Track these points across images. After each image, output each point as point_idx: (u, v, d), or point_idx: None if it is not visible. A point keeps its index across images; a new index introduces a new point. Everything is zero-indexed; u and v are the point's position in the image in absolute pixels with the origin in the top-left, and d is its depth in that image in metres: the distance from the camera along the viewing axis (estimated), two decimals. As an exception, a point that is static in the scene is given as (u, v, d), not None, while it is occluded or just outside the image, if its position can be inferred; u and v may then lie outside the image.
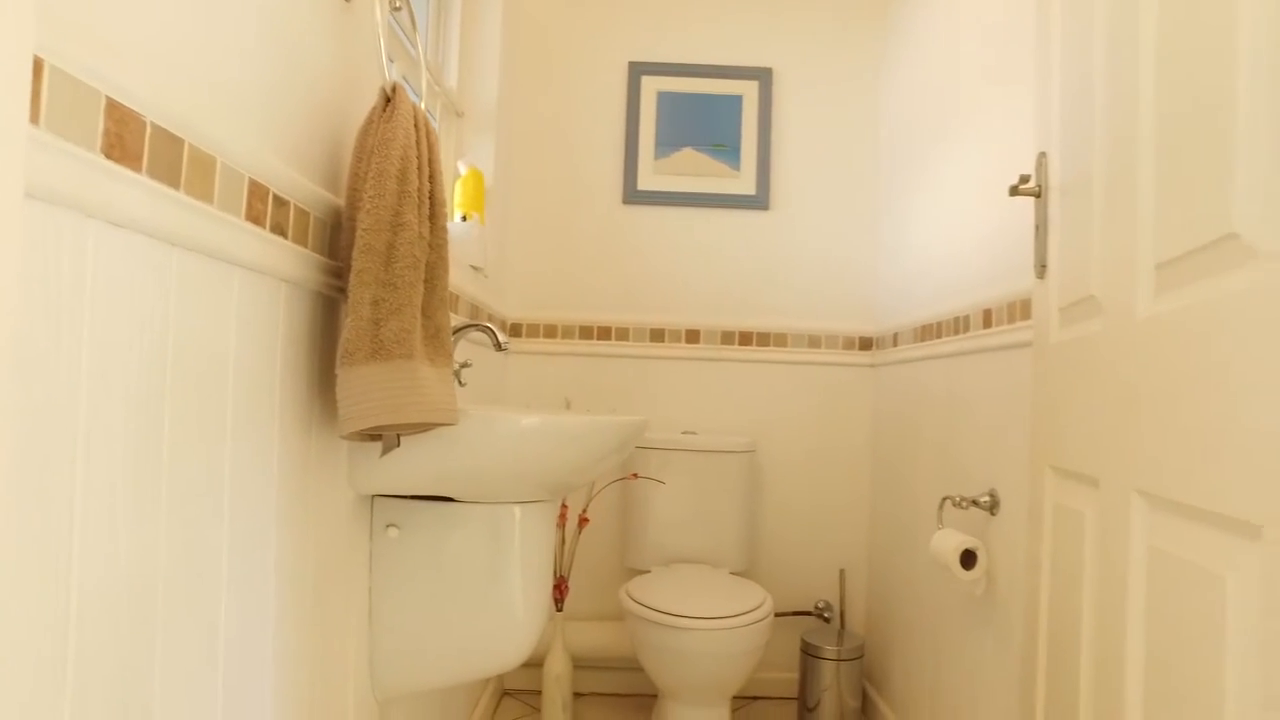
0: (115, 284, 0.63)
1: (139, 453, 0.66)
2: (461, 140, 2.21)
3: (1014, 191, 1.31)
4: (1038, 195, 1.30)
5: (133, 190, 0.63)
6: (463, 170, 2.00)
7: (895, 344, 2.26)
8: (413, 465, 1.11)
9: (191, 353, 0.74)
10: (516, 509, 1.28)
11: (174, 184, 0.69)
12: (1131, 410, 0.89)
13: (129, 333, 0.65)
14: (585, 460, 1.23)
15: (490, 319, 2.07)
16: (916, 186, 2.17)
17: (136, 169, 0.64)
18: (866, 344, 2.49)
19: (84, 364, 0.59)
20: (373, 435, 0.99)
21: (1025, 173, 1.45)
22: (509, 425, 1.15)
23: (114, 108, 0.61)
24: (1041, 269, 1.28)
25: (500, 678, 2.38)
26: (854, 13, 2.54)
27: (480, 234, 1.98)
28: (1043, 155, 1.29)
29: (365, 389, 0.90)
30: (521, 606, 1.28)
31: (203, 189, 0.73)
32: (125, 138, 0.62)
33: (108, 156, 0.60)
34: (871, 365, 2.48)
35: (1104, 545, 0.96)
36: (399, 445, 1.01)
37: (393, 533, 1.23)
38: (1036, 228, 1.30)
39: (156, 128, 0.66)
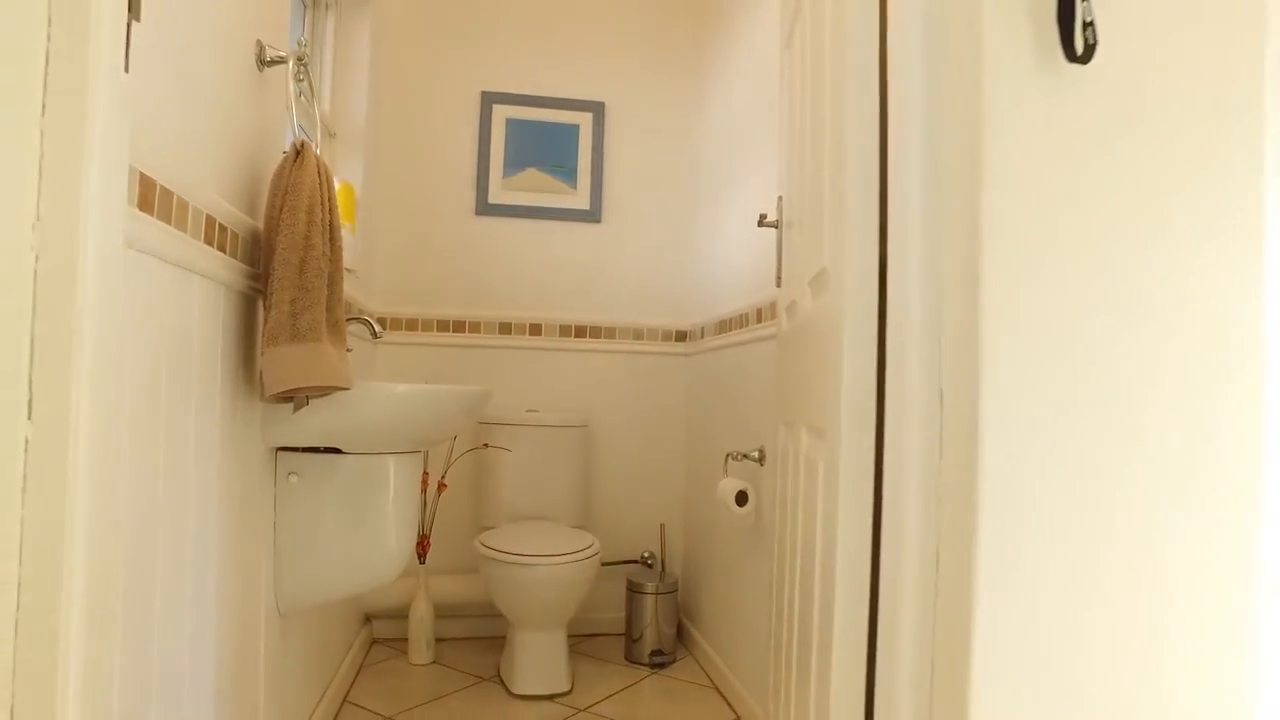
0: (139, 288, 0.99)
1: (149, 401, 1.02)
2: (335, 158, 2.53)
3: (760, 223, 1.82)
4: (775, 227, 1.81)
5: (150, 229, 0.99)
6: (336, 185, 2.34)
7: (702, 336, 2.78)
8: (313, 423, 1.48)
9: (173, 335, 1.09)
10: (390, 459, 1.67)
11: (167, 221, 1.05)
12: (801, 375, 1.40)
13: (143, 319, 1.01)
14: (441, 418, 1.64)
15: (361, 313, 2.42)
16: (717, 208, 2.69)
17: (150, 214, 1.00)
18: (681, 336, 3.00)
19: (125, 339, 0.95)
20: (287, 397, 1.35)
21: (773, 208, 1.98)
22: (386, 391, 1.54)
23: (143, 177, 0.97)
24: (779, 280, 1.80)
25: (370, 628, 2.72)
26: (675, 59, 3.04)
27: (352, 241, 2.32)
28: (780, 198, 1.81)
29: (287, 363, 1.27)
30: (394, 536, 1.68)
31: (181, 223, 1.09)
32: (147, 195, 0.98)
33: (139, 208, 0.96)
34: (685, 354, 2.99)
35: (795, 466, 1.46)
36: (307, 404, 1.38)
37: (293, 479, 1.59)
38: (777, 250, 1.81)
39: (162, 187, 1.02)
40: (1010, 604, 0.83)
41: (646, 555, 2.87)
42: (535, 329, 2.91)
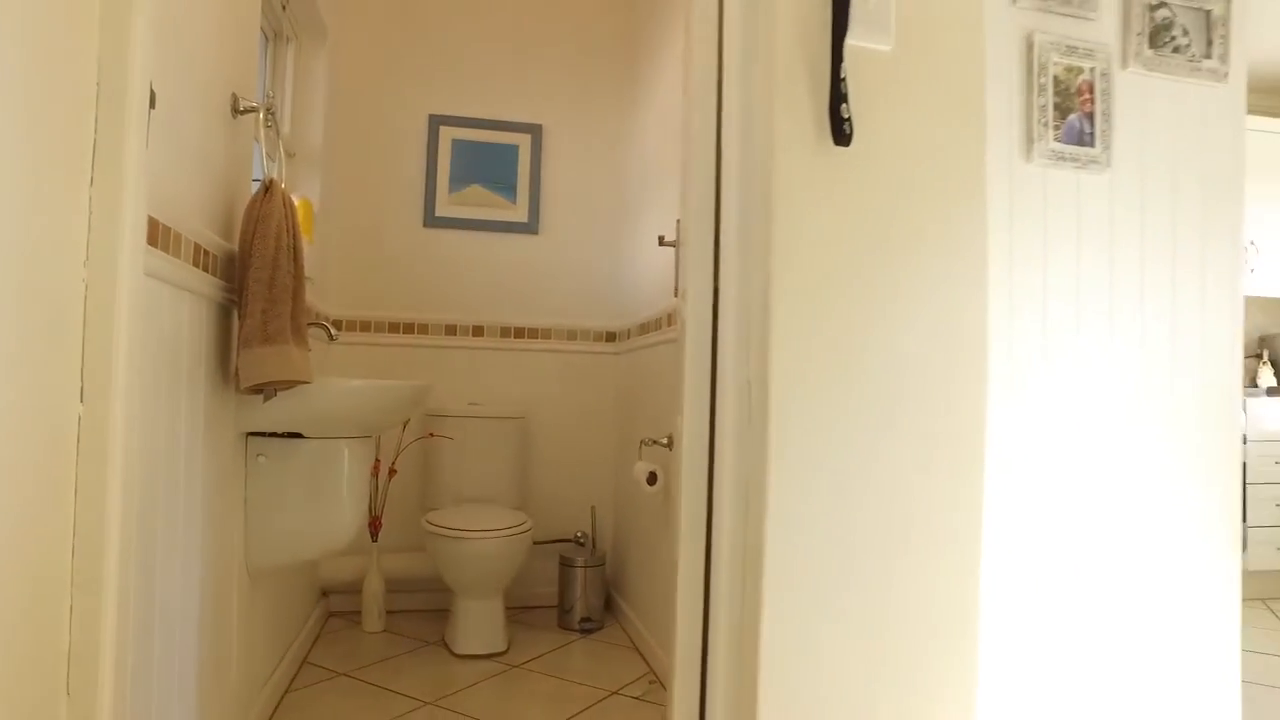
0: (149, 306, 1.28)
1: (153, 393, 1.31)
2: (295, 176, 2.80)
3: (660, 243, 2.15)
4: (674, 246, 2.15)
5: (156, 259, 1.28)
6: (295, 201, 2.61)
7: (629, 337, 3.10)
8: (279, 411, 1.78)
9: (169, 340, 1.38)
10: (344, 443, 1.96)
11: (167, 251, 1.34)
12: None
13: (150, 328, 1.30)
14: (387, 408, 1.95)
15: (319, 317, 2.69)
16: (639, 223, 3.02)
17: (156, 247, 1.29)
18: (611, 336, 3.32)
19: (142, 345, 1.24)
20: (258, 390, 1.64)
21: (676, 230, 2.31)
22: (340, 384, 1.84)
23: (150, 219, 1.26)
24: (676, 291, 2.13)
25: (327, 602, 3.00)
26: (608, 86, 3.36)
27: (310, 251, 2.60)
28: (678, 221, 2.14)
29: (259, 361, 1.56)
30: (348, 507, 1.97)
31: (176, 252, 1.38)
32: (153, 233, 1.27)
33: (150, 244, 1.25)
34: (614, 353, 3.32)
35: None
36: (275, 396, 1.68)
37: (261, 459, 1.88)
38: (676, 266, 2.15)
39: (163, 225, 1.31)
40: (792, 531, 1.17)
41: (579, 534, 3.19)
42: (478, 330, 3.21)
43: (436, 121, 3.20)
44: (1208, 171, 1.52)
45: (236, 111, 1.73)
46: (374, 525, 2.89)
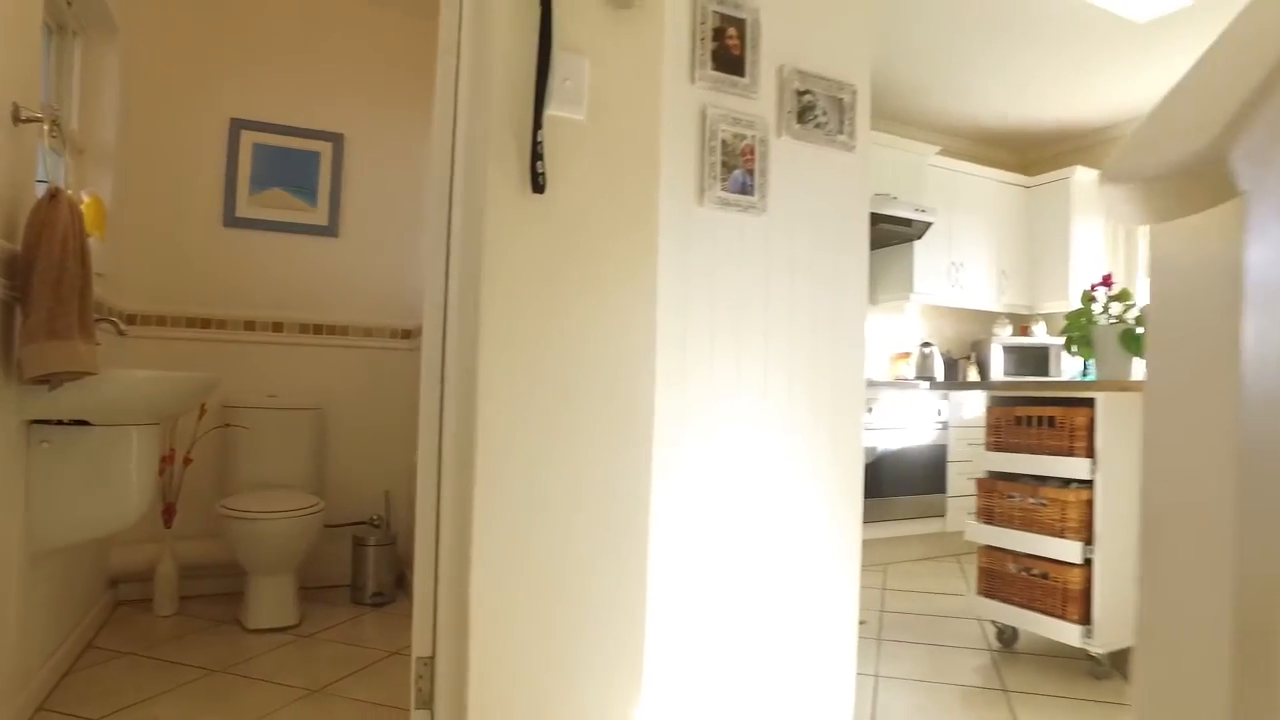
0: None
1: (-60, 378, 1.48)
2: (83, 172, 2.87)
3: (438, 254, 2.45)
4: (449, 257, 2.44)
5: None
6: (85, 198, 2.69)
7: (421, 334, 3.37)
8: (66, 401, 1.93)
9: (-44, 333, 1.54)
10: (133, 429, 2.13)
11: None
12: (443, 365, 2.04)
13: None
14: (173, 397, 2.14)
15: (110, 313, 2.78)
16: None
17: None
18: (407, 334, 3.58)
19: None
20: (44, 380, 1.80)
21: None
22: (125, 375, 2.02)
23: (-64, 228, 1.43)
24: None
25: (116, 591, 3.07)
26: (407, 99, 3.60)
27: (101, 248, 2.69)
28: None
29: (43, 354, 1.73)
30: (135, 488, 2.14)
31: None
32: (-61, 239, 1.44)
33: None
34: (410, 349, 3.58)
35: (442, 428, 2.10)
36: (61, 386, 1.84)
37: (45, 445, 2.02)
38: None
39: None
40: (494, 487, 1.51)
41: (374, 517, 3.42)
42: (278, 326, 3.36)
43: (238, 125, 3.33)
44: (841, 215, 2.01)
45: (18, 120, 1.87)
46: (168, 513, 3.00)
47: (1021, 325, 5.39)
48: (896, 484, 4.20)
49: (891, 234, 4.66)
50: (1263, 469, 0.59)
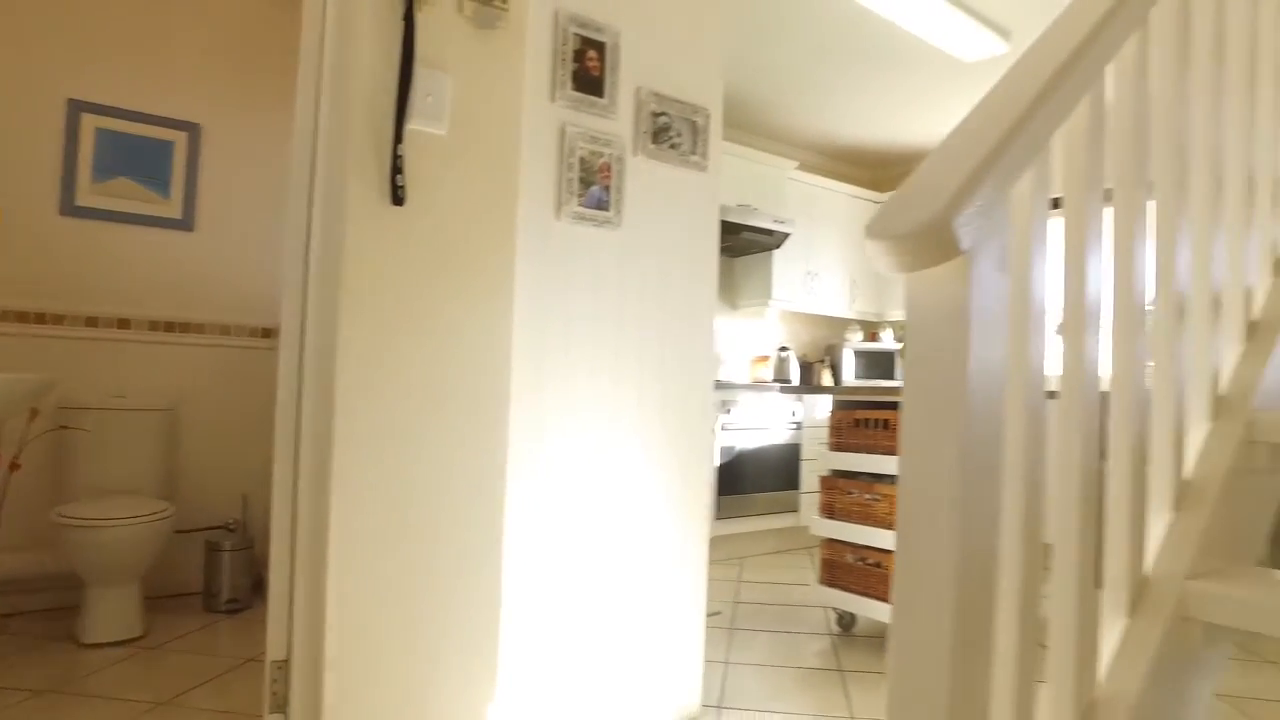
0: None
1: None
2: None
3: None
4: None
5: None
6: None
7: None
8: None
9: None
10: (-44, 434, 2.01)
11: None
12: (302, 368, 2.04)
13: None
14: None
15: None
16: (296, 229, 3.23)
17: None
18: (269, 332, 3.48)
19: None
20: None
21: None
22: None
23: None
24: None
25: (-69, 605, 2.84)
26: (270, 90, 3.50)
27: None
28: (316, 237, 2.42)
29: None
30: (-41, 497, 2.02)
31: None
32: None
33: None
34: (272, 348, 3.48)
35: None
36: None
37: None
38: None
39: None
40: (353, 491, 1.55)
41: (230, 522, 3.31)
42: (124, 323, 3.20)
43: (78, 107, 3.14)
44: (693, 231, 2.15)
45: None
46: (-7, 521, 2.81)
47: (871, 331, 5.78)
48: (754, 481, 4.42)
49: (753, 243, 4.89)
50: (976, 456, 0.73)
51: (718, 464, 4.26)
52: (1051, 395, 0.96)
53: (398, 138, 1.57)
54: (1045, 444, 0.88)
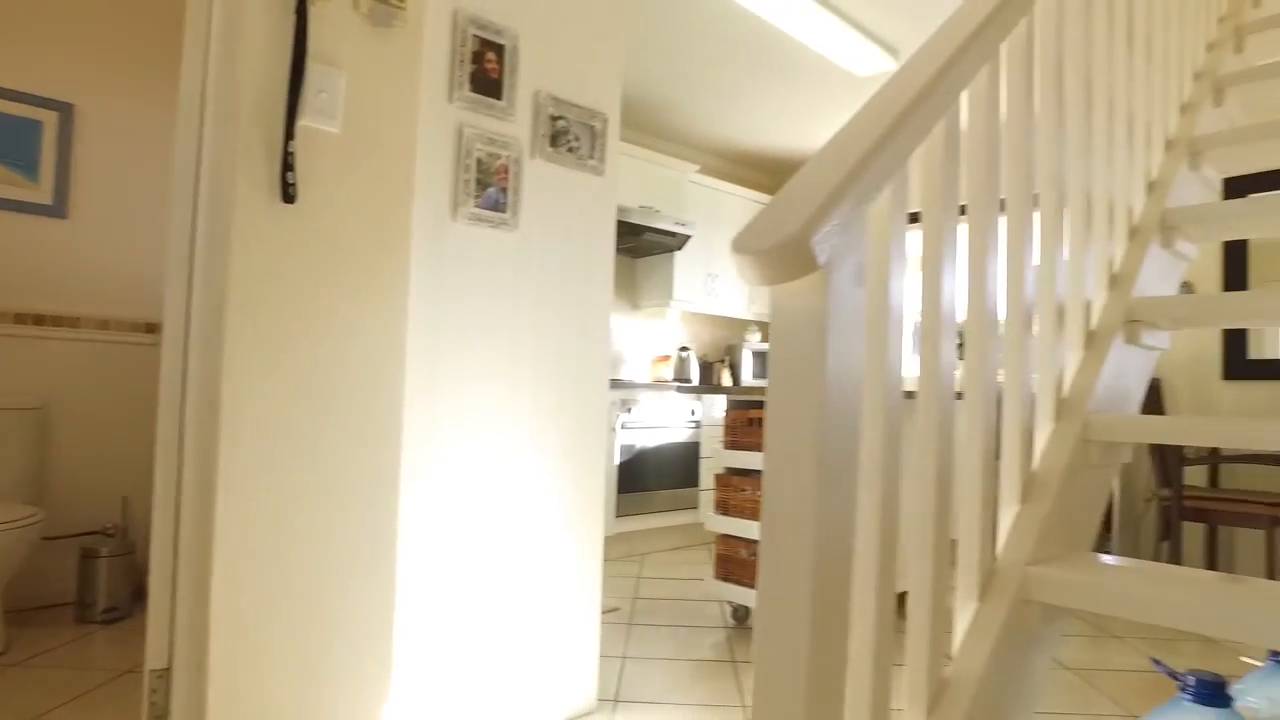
0: None
1: None
2: None
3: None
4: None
5: None
6: None
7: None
8: None
9: None
10: None
11: None
12: (185, 367, 1.97)
13: None
14: None
15: None
16: (181, 220, 3.10)
17: None
18: (153, 327, 3.33)
19: None
20: None
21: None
22: None
23: None
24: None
25: None
26: (155, 70, 3.34)
27: None
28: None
29: None
30: None
31: None
32: None
33: None
34: (155, 344, 3.33)
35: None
36: None
37: None
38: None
39: None
40: (241, 492, 1.52)
41: (109, 526, 3.15)
42: (-14, 316, 3.01)
43: (-65, 86, 2.93)
44: (589, 233, 2.19)
45: None
46: None
47: (768, 332, 5.95)
48: (654, 479, 4.50)
49: (655, 244, 4.97)
50: (833, 454, 0.80)
51: (618, 462, 4.32)
52: (911, 395, 1.03)
53: (289, 134, 1.55)
54: (901, 442, 0.96)
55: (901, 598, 3.38)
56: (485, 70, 1.96)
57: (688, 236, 5.00)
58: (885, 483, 0.93)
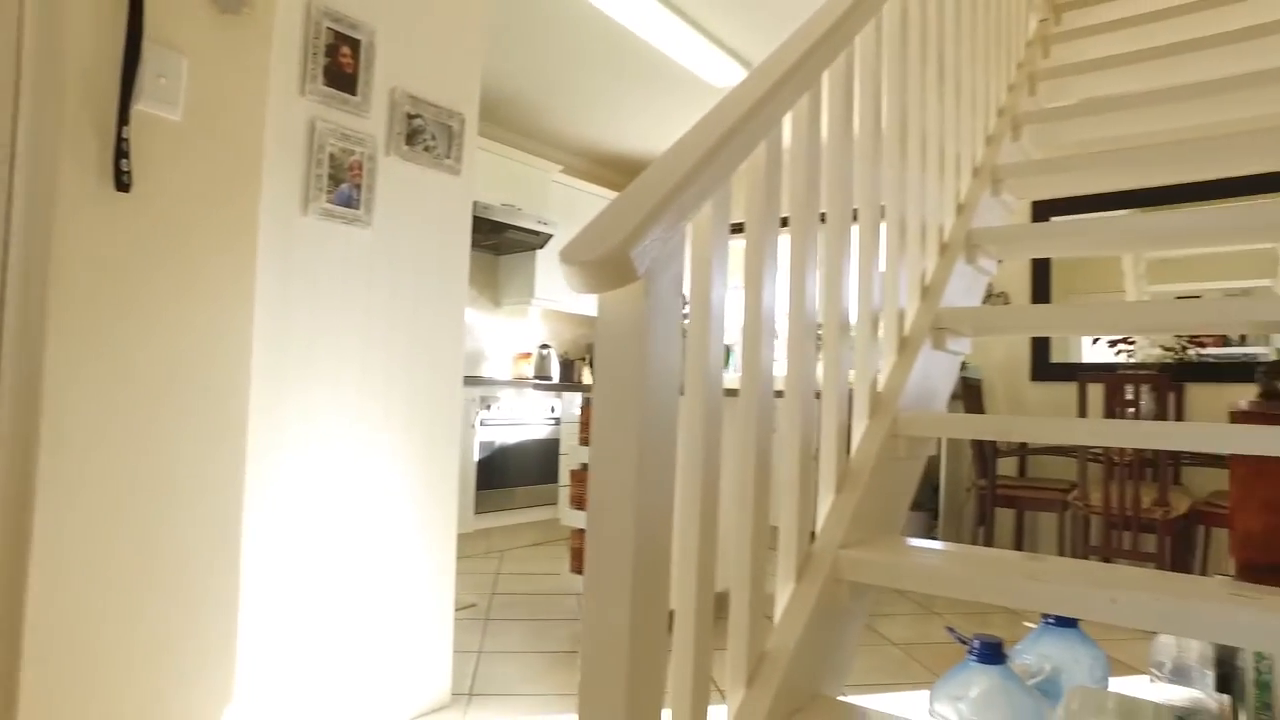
0: None
1: None
2: None
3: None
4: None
5: None
6: None
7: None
8: None
9: None
10: None
11: None
12: (1, 361, 1.84)
13: None
14: None
15: None
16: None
17: None
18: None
19: None
20: None
21: None
22: None
23: None
24: None
25: None
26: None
27: None
28: None
29: None
30: None
31: None
32: None
33: None
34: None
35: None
36: None
37: None
38: None
39: None
40: (64, 491, 1.45)
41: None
42: None
43: None
44: (445, 232, 2.20)
45: None
46: None
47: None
48: (514, 475, 4.52)
49: (517, 242, 4.98)
50: (653, 449, 0.88)
51: (477, 460, 4.31)
52: (731, 393, 1.13)
53: (123, 119, 1.49)
54: (721, 438, 1.05)
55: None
56: (340, 64, 1.94)
57: (550, 235, 5.05)
58: (705, 475, 1.03)
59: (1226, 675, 1.59)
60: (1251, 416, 1.91)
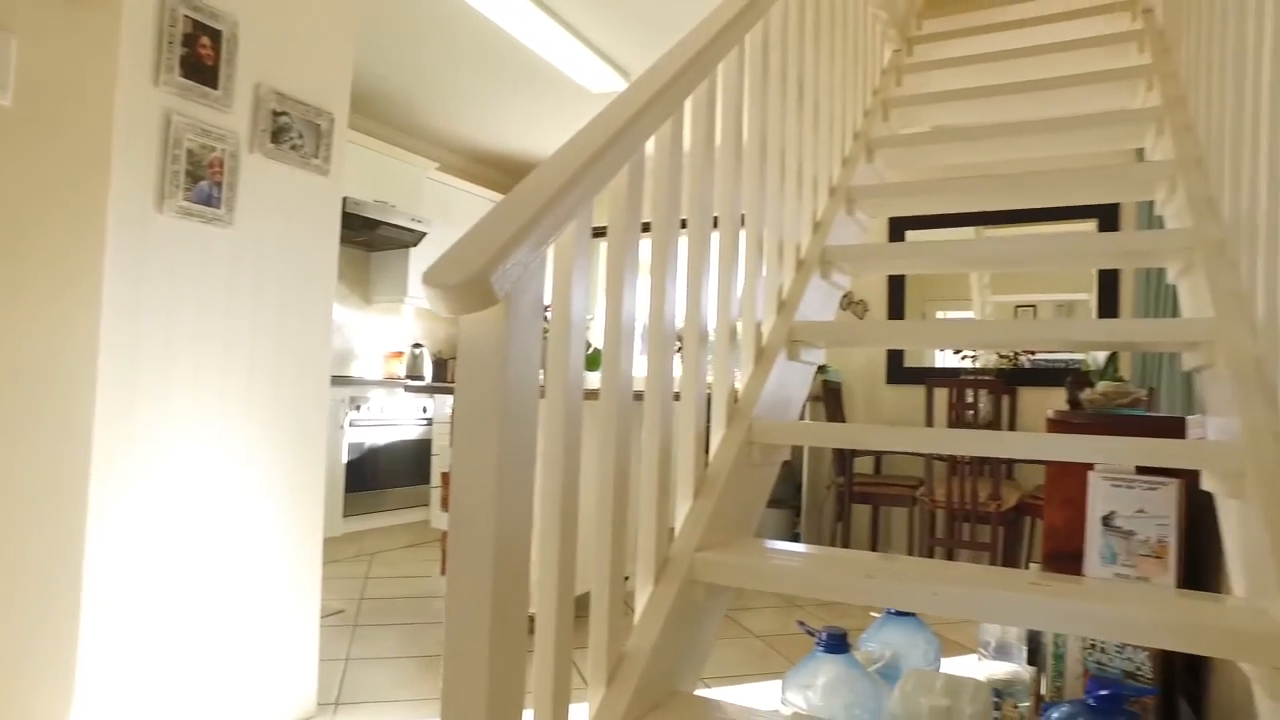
0: None
1: None
2: None
3: None
4: None
5: None
6: None
7: None
8: None
9: None
10: None
11: None
12: None
13: None
14: None
15: None
16: None
17: None
18: None
19: None
20: None
21: None
22: None
23: None
24: None
25: None
26: None
27: None
28: None
29: None
30: None
31: None
32: None
33: None
34: None
35: None
36: None
37: None
38: None
39: None
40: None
41: None
42: None
43: None
44: (312, 233, 2.15)
45: None
46: None
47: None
48: (385, 477, 4.43)
49: (390, 239, 4.88)
50: (511, 459, 0.92)
51: (346, 461, 4.20)
52: (591, 395, 1.18)
53: (-52, 107, 1.39)
54: (579, 447, 1.10)
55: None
56: (199, 55, 1.87)
57: (424, 233, 4.96)
58: (565, 482, 1.07)
59: (1034, 650, 1.79)
60: (1058, 425, 2.13)
